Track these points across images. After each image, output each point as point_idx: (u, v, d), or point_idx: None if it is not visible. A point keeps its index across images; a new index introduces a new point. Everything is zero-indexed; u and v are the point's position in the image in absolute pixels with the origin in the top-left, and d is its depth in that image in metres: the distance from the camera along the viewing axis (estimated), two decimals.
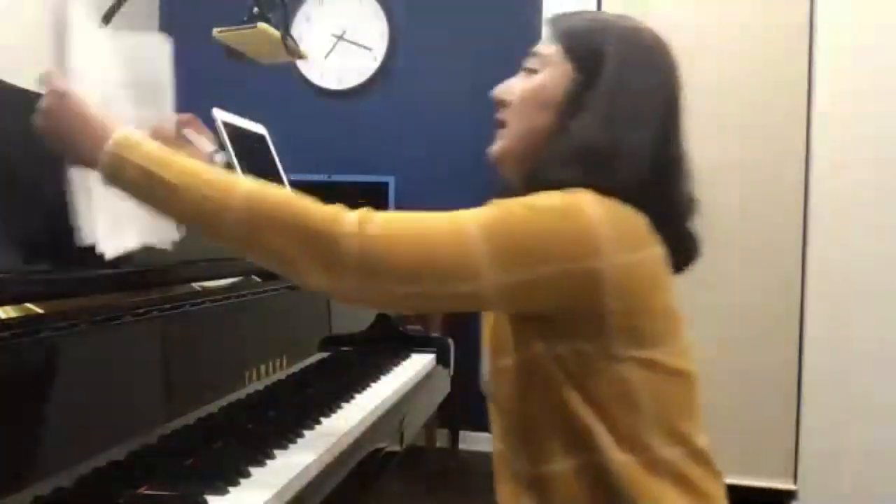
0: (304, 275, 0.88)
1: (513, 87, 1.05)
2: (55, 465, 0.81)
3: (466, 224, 0.88)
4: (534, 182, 0.97)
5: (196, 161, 0.91)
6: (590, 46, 1.01)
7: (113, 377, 0.92)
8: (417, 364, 1.71)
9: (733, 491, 1.04)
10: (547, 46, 1.04)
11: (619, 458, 0.94)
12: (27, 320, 0.79)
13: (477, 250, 0.87)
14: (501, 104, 1.06)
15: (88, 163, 0.91)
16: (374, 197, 3.38)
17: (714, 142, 2.75)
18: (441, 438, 3.36)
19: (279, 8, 1.67)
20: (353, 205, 0.89)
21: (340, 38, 3.65)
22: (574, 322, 0.94)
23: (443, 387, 1.82)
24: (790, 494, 2.77)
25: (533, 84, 1.03)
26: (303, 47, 1.78)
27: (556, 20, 1.06)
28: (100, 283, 0.98)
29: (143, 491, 0.88)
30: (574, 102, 1.00)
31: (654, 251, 0.96)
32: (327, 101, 3.69)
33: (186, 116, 1.16)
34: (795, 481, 2.76)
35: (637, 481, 0.94)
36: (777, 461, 2.79)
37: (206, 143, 1.11)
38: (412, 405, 1.53)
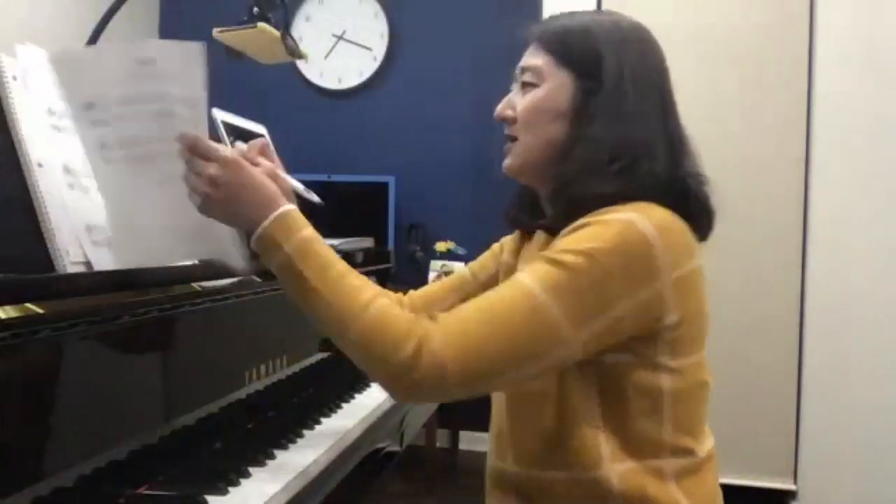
0: (413, 398, 0.90)
1: (514, 103, 1.04)
2: (55, 465, 0.81)
3: (533, 297, 0.87)
4: (567, 197, 0.98)
5: (334, 261, 0.90)
6: (582, 50, 1.00)
7: (113, 377, 0.92)
8: None
9: (733, 491, 1.04)
10: (537, 57, 1.03)
11: (618, 469, 0.94)
12: (27, 320, 0.79)
13: (553, 319, 0.86)
14: (507, 121, 1.05)
15: (248, 229, 0.92)
16: (374, 197, 3.38)
17: (714, 142, 2.75)
18: (441, 438, 3.36)
19: (279, 8, 1.67)
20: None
21: (340, 38, 3.66)
22: (630, 337, 0.93)
23: None
24: (790, 494, 2.77)
25: (537, 98, 1.02)
26: (303, 47, 1.79)
27: (538, 29, 1.05)
28: (100, 283, 0.99)
29: (143, 491, 0.88)
30: (583, 109, 0.99)
31: (698, 261, 0.96)
32: (327, 101, 3.69)
33: (263, 141, 1.06)
34: (795, 481, 2.76)
35: (638, 486, 0.94)
36: (777, 461, 2.79)
37: (296, 183, 1.02)
38: (412, 405, 1.53)
